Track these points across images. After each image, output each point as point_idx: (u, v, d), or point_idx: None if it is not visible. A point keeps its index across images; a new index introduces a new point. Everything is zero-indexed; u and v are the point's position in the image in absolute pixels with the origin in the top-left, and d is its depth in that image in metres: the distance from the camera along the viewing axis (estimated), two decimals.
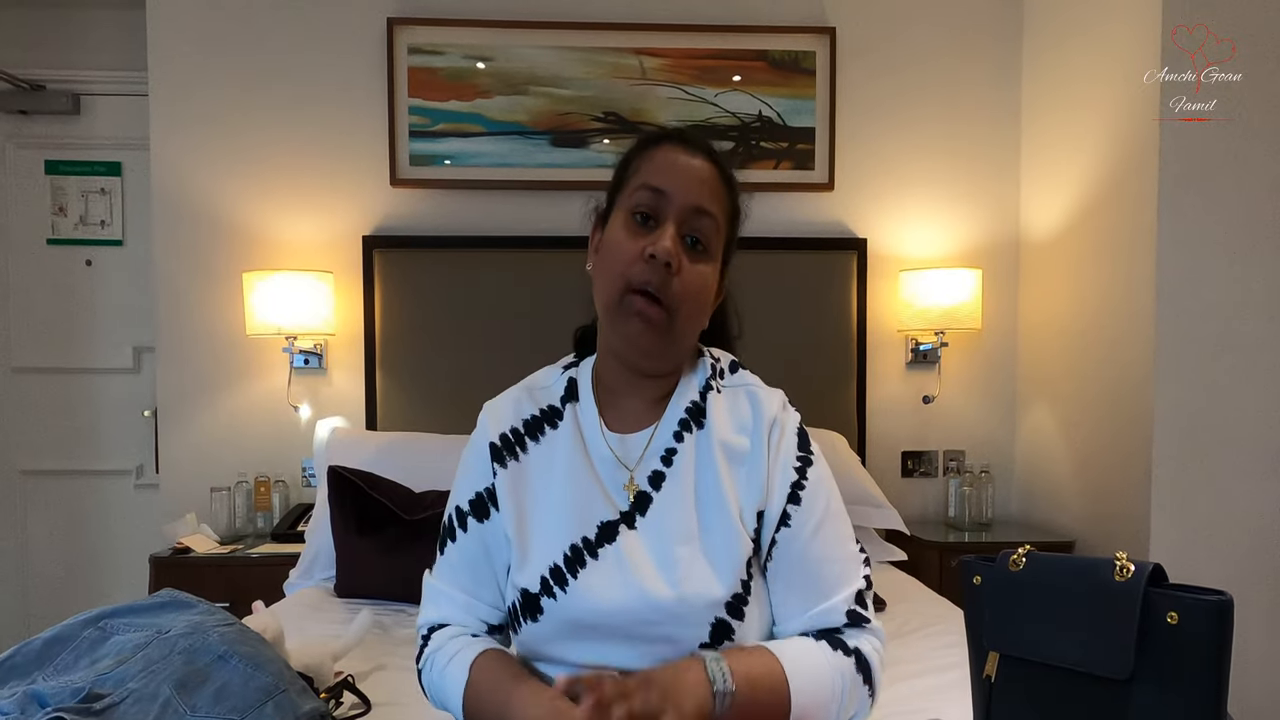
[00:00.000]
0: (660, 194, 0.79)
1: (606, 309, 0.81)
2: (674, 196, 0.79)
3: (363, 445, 2.00)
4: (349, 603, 1.66)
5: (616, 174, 0.86)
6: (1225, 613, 0.63)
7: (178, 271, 2.28)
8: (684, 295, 0.78)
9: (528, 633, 0.81)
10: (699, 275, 0.79)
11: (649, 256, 0.77)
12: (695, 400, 0.84)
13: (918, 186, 2.41)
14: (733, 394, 0.86)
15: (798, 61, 2.35)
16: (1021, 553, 0.78)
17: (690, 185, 0.79)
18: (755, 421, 0.83)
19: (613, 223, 0.82)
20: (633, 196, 0.80)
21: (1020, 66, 2.41)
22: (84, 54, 2.55)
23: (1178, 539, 1.84)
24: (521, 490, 0.83)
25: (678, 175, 0.79)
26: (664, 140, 0.82)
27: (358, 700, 1.14)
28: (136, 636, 0.86)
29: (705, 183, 0.80)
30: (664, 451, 0.83)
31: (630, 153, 0.85)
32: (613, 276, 0.79)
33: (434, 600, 0.88)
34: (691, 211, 0.79)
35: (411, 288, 2.28)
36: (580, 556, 0.78)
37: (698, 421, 0.83)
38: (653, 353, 0.81)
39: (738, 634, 0.76)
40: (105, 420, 2.60)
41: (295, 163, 2.30)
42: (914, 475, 2.42)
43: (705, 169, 0.81)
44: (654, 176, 0.79)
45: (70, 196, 2.58)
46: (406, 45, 2.29)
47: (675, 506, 0.80)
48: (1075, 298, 2.17)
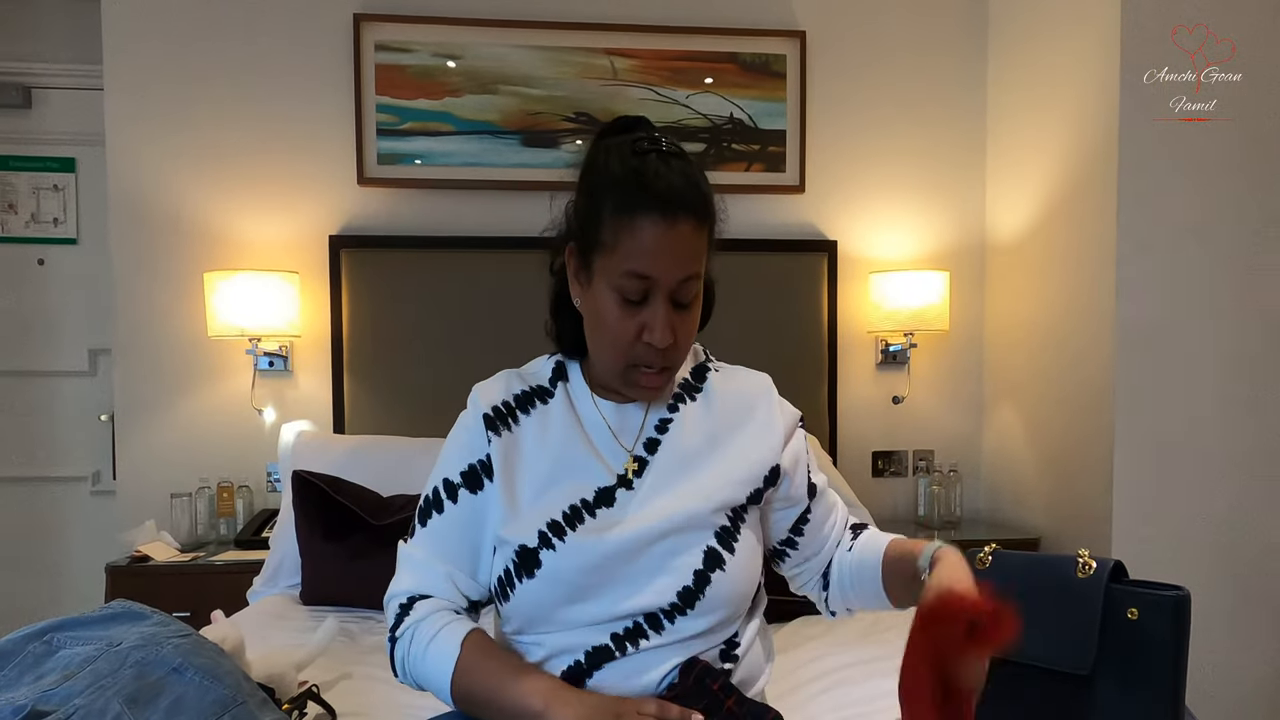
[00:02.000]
0: (647, 279, 0.78)
1: (609, 368, 0.84)
2: (662, 280, 0.78)
3: (330, 449, 1.96)
4: (315, 610, 1.63)
5: (587, 213, 0.81)
6: (1182, 607, 0.64)
7: (136, 271, 2.21)
8: (681, 349, 0.83)
9: (521, 596, 0.81)
10: (689, 327, 0.83)
11: (648, 343, 0.80)
12: (687, 377, 0.91)
13: (887, 189, 2.43)
14: (730, 371, 0.94)
15: (768, 64, 2.37)
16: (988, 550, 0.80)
17: (676, 263, 0.78)
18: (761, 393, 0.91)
19: (599, 289, 0.80)
20: (619, 280, 0.78)
21: (986, 70, 2.46)
22: (35, 45, 2.46)
23: (1139, 537, 1.88)
24: (514, 458, 0.85)
25: (663, 258, 0.77)
26: (640, 211, 0.76)
27: (322, 710, 1.11)
28: (85, 650, 0.83)
29: (689, 250, 0.78)
30: (658, 421, 0.87)
31: (602, 201, 0.79)
32: (613, 351, 0.82)
33: (413, 570, 0.86)
34: (679, 284, 0.79)
35: (380, 288, 2.24)
36: (579, 514, 0.82)
37: (691, 395, 0.89)
38: (659, 395, 0.88)
39: (728, 564, 0.81)
40: (60, 425, 2.52)
41: (259, 160, 2.25)
42: (885, 475, 2.45)
43: (687, 233, 0.77)
44: (639, 263, 0.77)
45: (20, 193, 2.50)
46: (374, 42, 2.26)
47: (671, 466, 0.85)
48: (1039, 300, 2.22)
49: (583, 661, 0.79)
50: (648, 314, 0.79)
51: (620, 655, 0.79)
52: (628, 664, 0.79)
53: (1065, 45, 2.08)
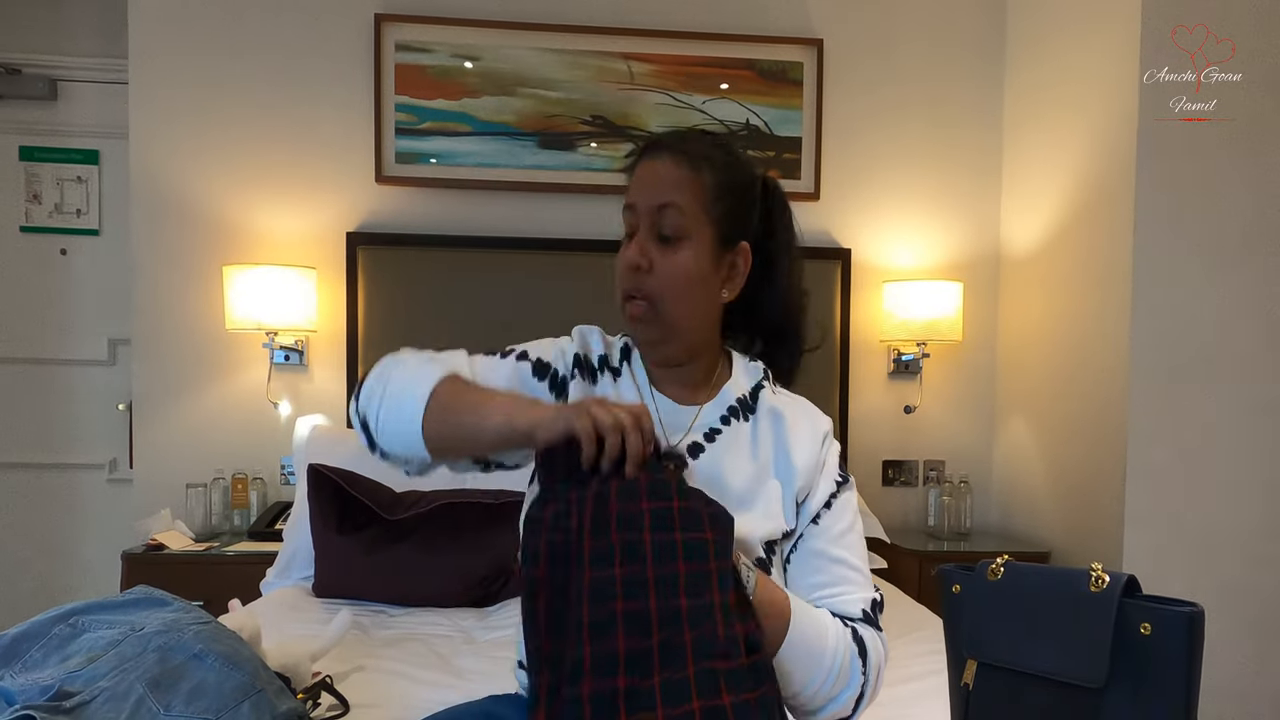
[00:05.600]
0: (632, 208, 0.85)
1: (619, 307, 0.87)
2: (639, 205, 0.84)
3: (343, 443, 1.98)
4: (327, 603, 1.64)
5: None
6: (1196, 624, 0.65)
7: (156, 263, 2.24)
8: (662, 286, 0.83)
9: None
10: (674, 263, 0.83)
11: (627, 268, 0.84)
12: (745, 395, 0.90)
13: (902, 198, 2.43)
14: (796, 402, 0.92)
15: (785, 72, 2.37)
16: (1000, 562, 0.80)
17: (650, 189, 0.84)
18: (816, 431, 0.89)
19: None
20: (622, 215, 0.87)
21: (1002, 80, 2.46)
22: (62, 39, 2.50)
23: (1150, 551, 1.87)
24: None
25: (641, 186, 0.85)
26: (642, 154, 0.87)
27: (335, 701, 1.12)
28: (109, 634, 0.85)
29: (664, 179, 0.83)
30: (708, 429, 0.88)
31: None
32: (617, 287, 0.86)
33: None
34: (654, 211, 0.83)
35: (396, 286, 2.26)
36: None
37: (745, 414, 0.89)
38: (652, 340, 0.87)
39: None
40: (78, 413, 2.55)
41: (279, 156, 2.27)
42: (894, 484, 2.45)
43: (666, 166, 0.84)
44: (629, 195, 0.86)
45: (45, 184, 2.53)
46: (394, 42, 2.28)
47: (710, 475, 0.84)
48: (1053, 312, 2.21)
49: None
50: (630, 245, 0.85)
51: None
52: None
53: (1083, 54, 2.08)
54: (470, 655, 1.42)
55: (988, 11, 2.44)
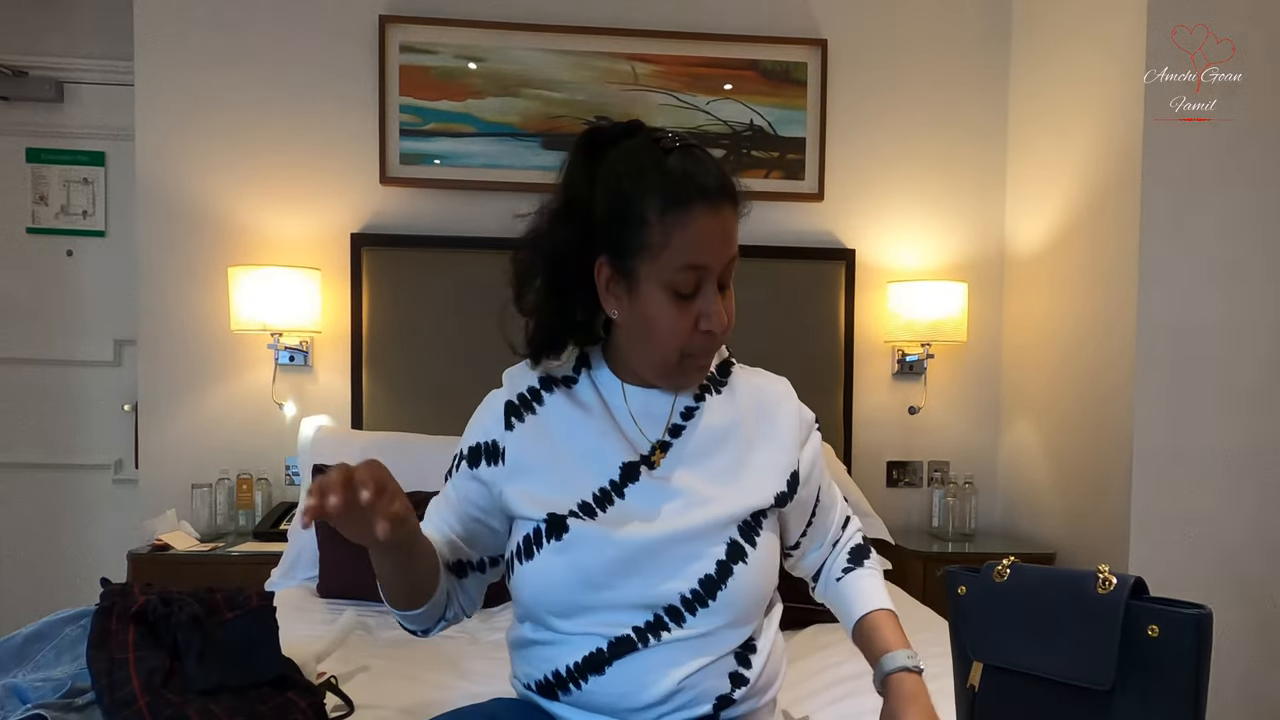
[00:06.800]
0: (701, 269, 0.79)
1: (659, 365, 0.84)
2: (714, 266, 0.80)
3: (348, 444, 1.98)
4: (332, 603, 1.65)
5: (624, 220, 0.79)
6: (1204, 626, 0.64)
7: (161, 264, 2.25)
8: (730, 328, 0.84)
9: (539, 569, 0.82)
10: (732, 301, 0.85)
11: (705, 331, 0.81)
12: (713, 371, 0.91)
13: (906, 199, 2.43)
14: (751, 371, 0.95)
15: (789, 72, 2.37)
16: (1006, 564, 0.80)
17: (726, 248, 0.81)
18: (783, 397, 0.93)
19: (647, 292, 0.80)
20: (672, 276, 0.78)
21: (1008, 80, 2.45)
22: (69, 42, 2.51)
23: (1155, 553, 1.87)
24: (537, 441, 0.86)
25: (715, 246, 0.79)
26: (693, 202, 0.77)
27: (340, 702, 1.13)
28: None
29: (732, 233, 0.82)
30: (684, 409, 0.89)
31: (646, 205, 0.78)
32: (667, 349, 0.82)
33: (432, 507, 0.92)
34: (726, 267, 0.82)
35: (400, 287, 2.27)
36: (609, 496, 0.84)
37: (716, 388, 0.91)
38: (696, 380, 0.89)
39: (750, 558, 0.84)
40: (84, 413, 2.56)
41: (284, 157, 2.28)
42: (899, 485, 2.45)
43: (729, 217, 0.81)
44: (694, 255, 0.78)
45: (52, 185, 2.54)
46: (398, 43, 2.28)
47: (695, 451, 0.86)
48: (1058, 313, 2.21)
49: (605, 650, 0.81)
50: (701, 303, 0.80)
51: (642, 646, 0.80)
52: (650, 656, 0.80)
53: (1088, 54, 2.08)
54: (475, 656, 1.42)
55: (992, 12, 2.44)
